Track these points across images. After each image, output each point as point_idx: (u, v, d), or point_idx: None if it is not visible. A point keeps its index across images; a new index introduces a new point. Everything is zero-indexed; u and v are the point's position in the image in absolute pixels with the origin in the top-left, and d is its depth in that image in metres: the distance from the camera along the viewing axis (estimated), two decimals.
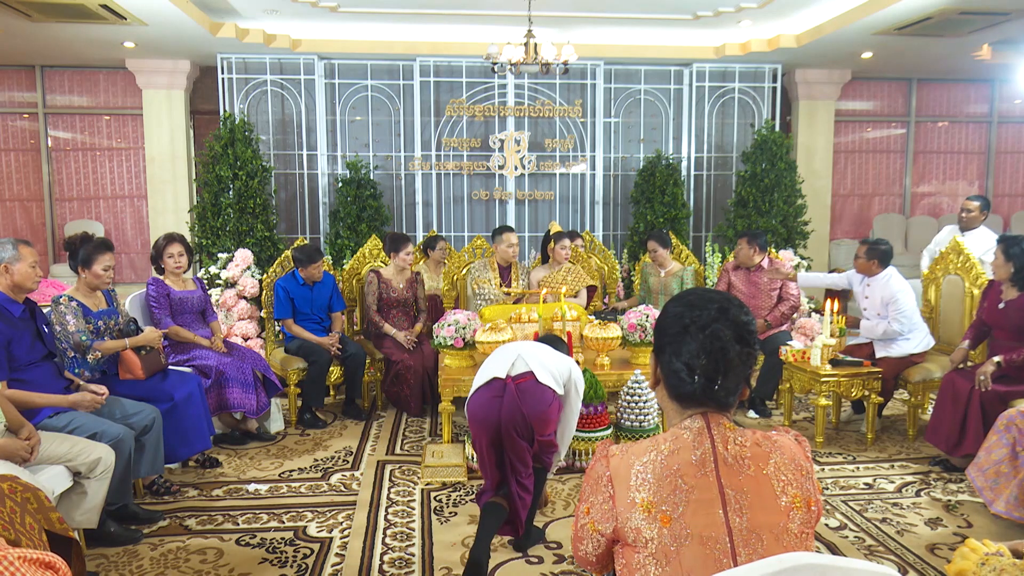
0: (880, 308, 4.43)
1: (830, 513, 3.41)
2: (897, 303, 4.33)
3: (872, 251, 4.47)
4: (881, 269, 4.46)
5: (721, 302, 1.38)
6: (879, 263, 4.46)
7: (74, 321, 3.47)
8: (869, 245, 4.50)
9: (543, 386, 2.95)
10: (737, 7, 6.66)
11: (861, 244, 4.56)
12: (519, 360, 3.03)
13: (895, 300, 4.33)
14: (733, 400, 1.38)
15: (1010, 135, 9.85)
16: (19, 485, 2.23)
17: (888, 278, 4.42)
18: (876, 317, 4.45)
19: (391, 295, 5.09)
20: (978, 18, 6.36)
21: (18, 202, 8.65)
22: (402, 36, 7.62)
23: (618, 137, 8.35)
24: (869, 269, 4.49)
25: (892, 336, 4.38)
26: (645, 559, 1.28)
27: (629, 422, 3.93)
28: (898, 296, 4.33)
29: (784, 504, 1.30)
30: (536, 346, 3.19)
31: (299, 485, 3.74)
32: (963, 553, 1.52)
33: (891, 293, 4.36)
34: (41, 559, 1.58)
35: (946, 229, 5.81)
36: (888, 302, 4.37)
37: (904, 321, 4.33)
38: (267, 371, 4.40)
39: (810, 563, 1.09)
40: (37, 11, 6.10)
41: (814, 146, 8.65)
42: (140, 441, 3.27)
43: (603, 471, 1.37)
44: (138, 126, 8.50)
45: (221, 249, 6.71)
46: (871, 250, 4.47)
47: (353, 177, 7.43)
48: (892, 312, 4.35)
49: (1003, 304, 3.86)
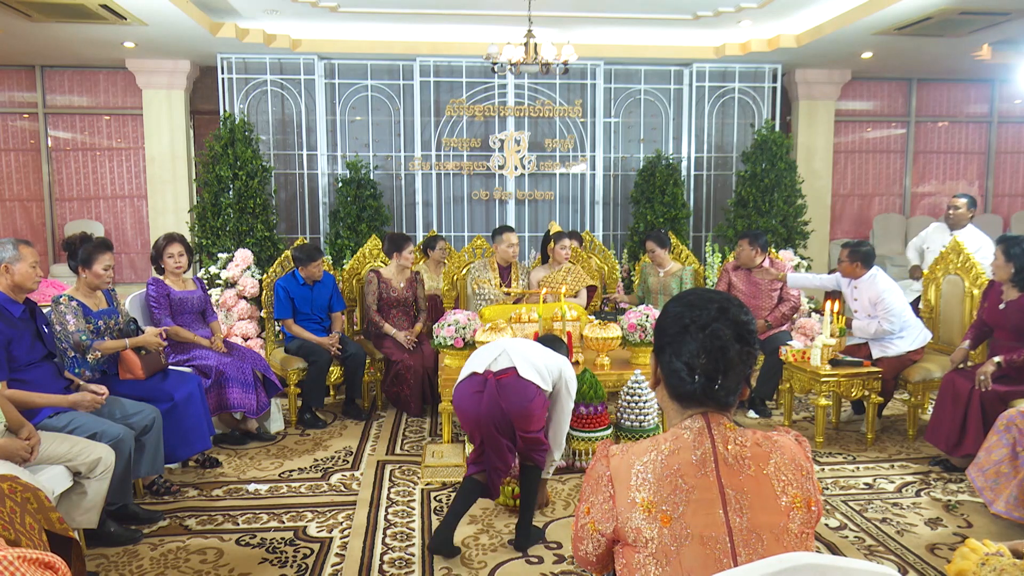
0: (869, 308, 4.43)
1: (830, 513, 3.41)
2: (884, 302, 4.33)
3: (854, 253, 4.46)
4: (865, 271, 4.46)
5: (721, 302, 1.38)
6: (862, 264, 4.45)
7: (74, 321, 3.47)
8: (851, 248, 4.49)
9: (525, 381, 2.94)
10: (737, 7, 6.66)
11: (843, 247, 4.55)
12: (503, 355, 3.03)
13: (882, 300, 4.34)
14: (733, 400, 1.38)
15: (1010, 135, 9.85)
16: (19, 485, 2.23)
17: (873, 278, 4.42)
18: (867, 318, 4.45)
19: (391, 295, 5.10)
20: (978, 18, 6.36)
21: (18, 202, 8.65)
22: (402, 36, 7.62)
23: (618, 137, 8.35)
24: (853, 271, 4.49)
25: (883, 336, 4.38)
26: (645, 559, 1.28)
27: (629, 422, 3.93)
28: (884, 295, 4.33)
29: (784, 504, 1.31)
30: (524, 342, 3.18)
31: (299, 485, 3.74)
32: (963, 553, 1.52)
33: (877, 293, 4.36)
34: (41, 559, 1.58)
35: (933, 225, 5.81)
36: (875, 302, 4.37)
37: (894, 320, 4.33)
38: (267, 371, 4.40)
39: (810, 563, 1.09)
40: (37, 11, 6.10)
41: (814, 146, 8.65)
42: (140, 441, 3.27)
43: (603, 471, 1.37)
44: (138, 126, 8.50)
45: (221, 249, 6.71)
46: (853, 252, 4.47)
47: (353, 177, 7.43)
48: (880, 312, 4.35)
49: (1003, 304, 3.86)
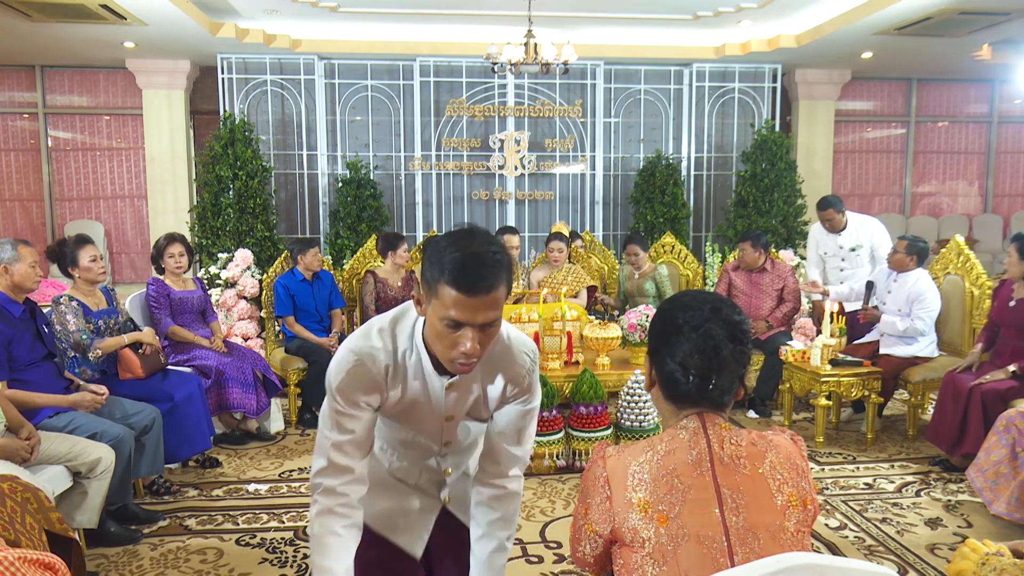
0: (903, 305, 4.44)
1: (830, 513, 3.41)
2: (924, 301, 4.36)
3: (912, 247, 4.47)
4: (916, 266, 4.49)
5: (714, 302, 1.39)
6: (916, 260, 4.48)
7: (74, 320, 3.47)
8: (909, 241, 4.50)
9: None
10: (737, 7, 6.66)
11: (900, 239, 4.56)
12: None
13: (922, 299, 4.36)
14: (728, 400, 1.39)
15: (1010, 135, 9.85)
16: (19, 485, 2.23)
17: (919, 277, 4.45)
18: (897, 313, 4.46)
19: (389, 294, 5.10)
20: (978, 18, 6.36)
21: (18, 202, 8.66)
22: (402, 36, 7.62)
23: (618, 137, 8.35)
24: (905, 264, 4.49)
25: (914, 335, 4.41)
26: (642, 559, 1.28)
27: (629, 422, 3.94)
28: (926, 295, 4.37)
29: (780, 503, 1.31)
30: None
31: (299, 485, 3.75)
32: (963, 553, 1.52)
33: (920, 291, 4.39)
34: (41, 560, 1.59)
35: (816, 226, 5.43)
36: (914, 300, 4.39)
37: (927, 320, 4.37)
38: (267, 371, 4.40)
39: (809, 563, 1.09)
40: (37, 11, 6.11)
41: (814, 146, 8.65)
42: (140, 441, 3.27)
43: (600, 472, 1.38)
44: (138, 126, 8.50)
45: (221, 249, 6.71)
46: (911, 246, 4.47)
47: (353, 177, 7.43)
48: (917, 310, 4.37)
49: (1014, 302, 3.87)
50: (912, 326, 4.37)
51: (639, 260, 5.52)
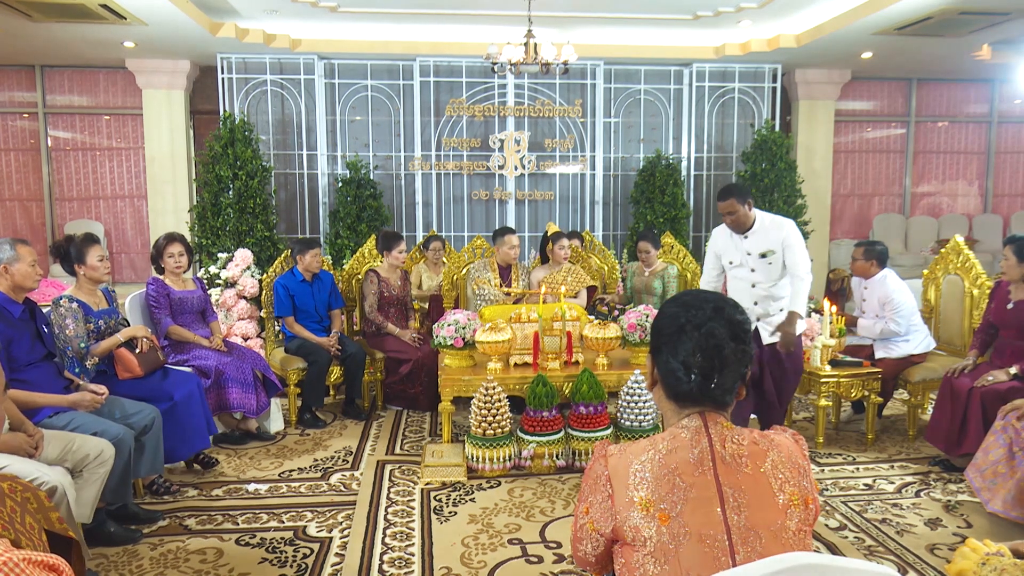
0: (878, 309, 4.45)
1: (830, 513, 3.41)
2: (893, 303, 4.35)
3: (869, 252, 4.48)
4: (879, 269, 4.48)
5: (716, 302, 1.40)
6: (877, 263, 4.47)
7: (73, 326, 3.44)
8: (865, 247, 4.51)
9: None
10: (737, 7, 6.66)
11: (857, 246, 4.56)
12: None
13: (891, 300, 4.35)
14: (730, 399, 1.39)
15: (1010, 135, 9.86)
16: (19, 485, 2.23)
17: (884, 278, 4.45)
18: (874, 318, 4.47)
19: (391, 293, 5.12)
20: (978, 18, 6.36)
21: (18, 202, 8.65)
22: (402, 36, 7.62)
23: (618, 137, 8.35)
24: (867, 270, 4.51)
25: (889, 336, 4.40)
26: (644, 558, 1.28)
27: (629, 422, 3.94)
28: (894, 296, 4.35)
29: (782, 502, 1.31)
30: None
31: (299, 485, 3.74)
32: (963, 553, 1.52)
33: (887, 293, 4.38)
34: (45, 561, 1.59)
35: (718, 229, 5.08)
36: (884, 302, 4.38)
37: (901, 321, 4.35)
38: (267, 371, 4.40)
39: (810, 563, 1.09)
40: (37, 11, 6.11)
41: (814, 146, 8.66)
42: (140, 441, 3.26)
43: (601, 471, 1.38)
44: (138, 126, 8.50)
45: (221, 249, 6.71)
46: (868, 251, 4.48)
47: (353, 177, 7.43)
48: (888, 312, 4.37)
49: (1012, 304, 3.87)
50: (886, 327, 4.38)
51: (650, 258, 5.54)
